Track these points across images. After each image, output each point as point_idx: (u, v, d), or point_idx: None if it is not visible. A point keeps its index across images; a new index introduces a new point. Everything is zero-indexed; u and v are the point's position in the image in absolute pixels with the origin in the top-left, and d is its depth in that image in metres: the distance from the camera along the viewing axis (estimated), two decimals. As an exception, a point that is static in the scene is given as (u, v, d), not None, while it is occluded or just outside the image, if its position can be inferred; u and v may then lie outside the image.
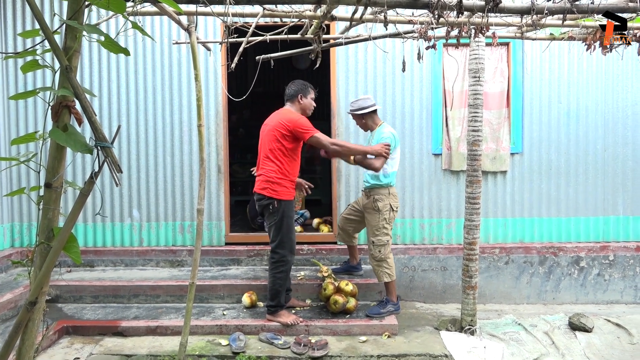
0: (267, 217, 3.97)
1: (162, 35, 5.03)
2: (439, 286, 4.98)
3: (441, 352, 3.68)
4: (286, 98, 4.04)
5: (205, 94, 5.01)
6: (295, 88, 3.98)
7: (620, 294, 5.01)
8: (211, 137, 5.06)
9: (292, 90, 3.99)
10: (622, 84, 4.99)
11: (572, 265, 4.97)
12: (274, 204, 3.86)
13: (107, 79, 5.07)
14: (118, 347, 3.74)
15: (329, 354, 3.58)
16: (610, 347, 3.92)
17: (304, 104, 4.00)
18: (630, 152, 5.02)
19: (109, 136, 5.08)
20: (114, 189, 5.11)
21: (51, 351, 3.68)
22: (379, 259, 4.08)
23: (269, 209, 3.89)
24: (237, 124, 8.75)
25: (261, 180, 3.94)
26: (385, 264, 4.09)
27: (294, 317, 3.98)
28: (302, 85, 4.00)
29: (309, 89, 4.02)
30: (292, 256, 3.97)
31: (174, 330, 3.92)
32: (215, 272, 4.83)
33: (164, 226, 5.12)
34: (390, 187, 4.13)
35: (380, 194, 4.10)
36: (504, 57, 4.98)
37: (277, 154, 3.86)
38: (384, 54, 4.92)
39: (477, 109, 3.92)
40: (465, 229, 4.04)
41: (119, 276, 4.76)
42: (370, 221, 4.15)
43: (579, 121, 5.01)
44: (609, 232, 5.07)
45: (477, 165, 3.96)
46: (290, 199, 3.92)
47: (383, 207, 4.08)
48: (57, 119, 1.48)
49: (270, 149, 3.89)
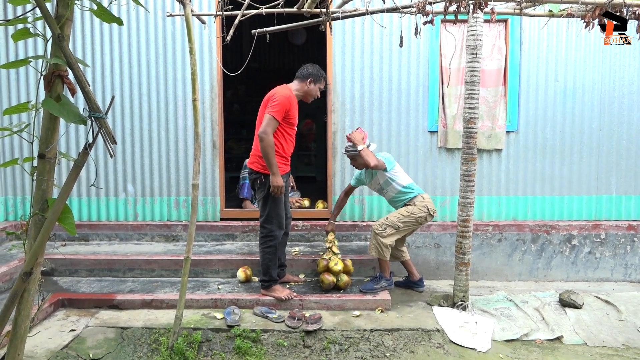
0: (256, 191, 3.99)
1: (156, 7, 4.94)
2: (432, 263, 5.03)
3: (433, 326, 3.73)
4: (297, 75, 3.99)
5: (200, 68, 4.96)
6: (311, 71, 3.94)
7: (610, 272, 5.08)
8: (206, 112, 5.03)
9: (306, 71, 3.95)
10: (619, 62, 4.97)
11: (564, 243, 5.03)
12: (261, 179, 3.87)
13: (100, 52, 5.00)
14: (114, 320, 3.77)
15: (322, 328, 3.63)
16: (599, 323, 3.99)
17: (310, 89, 3.96)
18: (625, 131, 5.04)
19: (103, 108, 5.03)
20: (108, 163, 5.08)
21: (47, 323, 3.71)
22: (378, 234, 4.13)
23: (257, 183, 3.91)
24: (233, 100, 8.68)
25: (252, 154, 3.97)
26: (381, 241, 4.13)
27: (287, 291, 4.02)
28: (318, 72, 3.96)
29: (321, 79, 3.98)
30: (280, 231, 3.98)
31: (169, 303, 3.96)
32: (210, 247, 4.85)
33: (158, 201, 5.12)
34: (421, 195, 4.27)
35: (411, 203, 4.24)
36: (502, 34, 4.93)
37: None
38: (381, 30, 4.87)
39: (474, 86, 3.90)
40: (460, 207, 4.06)
41: (114, 250, 4.78)
42: (401, 210, 4.23)
43: (575, 100, 5.00)
44: (601, 210, 5.11)
45: (472, 142, 3.96)
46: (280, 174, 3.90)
47: (419, 204, 4.20)
48: (49, 89, 1.46)
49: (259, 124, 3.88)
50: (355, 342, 3.52)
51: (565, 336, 3.76)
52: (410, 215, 4.17)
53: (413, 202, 4.23)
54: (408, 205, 4.24)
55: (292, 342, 3.54)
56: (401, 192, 4.26)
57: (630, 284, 5.03)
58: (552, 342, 3.70)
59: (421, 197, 4.25)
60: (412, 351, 3.47)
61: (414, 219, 4.18)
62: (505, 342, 3.67)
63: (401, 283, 4.66)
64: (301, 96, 3.99)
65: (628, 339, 3.74)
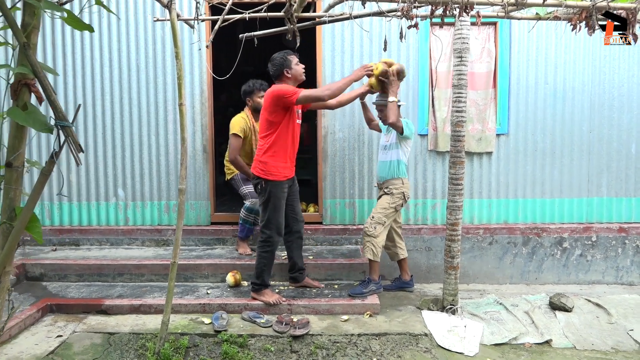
0: (258, 196, 4.01)
1: (145, 11, 4.95)
2: (423, 266, 5.02)
3: (421, 331, 3.72)
4: (273, 79, 3.97)
5: (190, 72, 4.96)
6: (277, 67, 3.89)
7: (602, 275, 5.07)
8: (196, 116, 5.03)
9: (274, 70, 3.91)
10: (609, 65, 4.97)
11: (555, 246, 5.02)
12: (262, 184, 3.88)
13: (89, 57, 4.99)
14: (101, 325, 3.76)
15: (310, 333, 3.62)
16: (589, 326, 3.98)
17: (293, 75, 3.90)
18: (616, 133, 5.03)
19: (96, 115, 5.04)
20: (99, 168, 5.08)
21: (34, 329, 3.70)
22: (371, 235, 4.20)
23: (258, 188, 3.92)
24: (228, 104, 8.67)
25: (254, 159, 3.98)
26: (374, 241, 4.18)
27: (276, 296, 4.02)
28: (281, 60, 3.87)
29: (288, 59, 3.88)
30: (279, 237, 3.99)
31: (157, 308, 3.95)
32: (200, 252, 4.85)
33: (149, 205, 5.11)
34: (403, 179, 4.34)
35: (394, 184, 4.31)
36: (491, 37, 4.93)
37: (267, 132, 3.85)
38: (371, 34, 4.87)
39: (461, 89, 3.90)
40: (448, 210, 4.05)
41: (104, 255, 4.77)
42: (381, 202, 4.31)
43: (565, 102, 5.00)
44: (592, 213, 5.11)
45: (460, 146, 3.96)
46: (279, 180, 3.89)
47: (397, 193, 4.29)
48: (16, 98, 1.46)
49: (261, 128, 3.91)
50: (342, 346, 3.52)
51: (555, 340, 3.75)
52: (390, 207, 4.27)
53: (394, 185, 4.30)
54: (387, 195, 4.31)
55: (279, 347, 3.53)
56: (397, 163, 4.29)
57: (622, 286, 5.02)
58: (541, 345, 3.69)
59: (401, 181, 4.32)
60: (399, 356, 3.46)
61: (394, 208, 4.29)
62: (493, 346, 3.67)
63: (391, 287, 4.66)
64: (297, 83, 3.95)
65: (618, 342, 3.73)
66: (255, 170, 3.92)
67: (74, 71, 5.00)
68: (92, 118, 5.04)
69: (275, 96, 3.75)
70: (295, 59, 3.93)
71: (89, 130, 5.04)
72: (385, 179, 4.36)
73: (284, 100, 3.73)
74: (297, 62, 3.93)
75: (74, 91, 5.01)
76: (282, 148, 3.87)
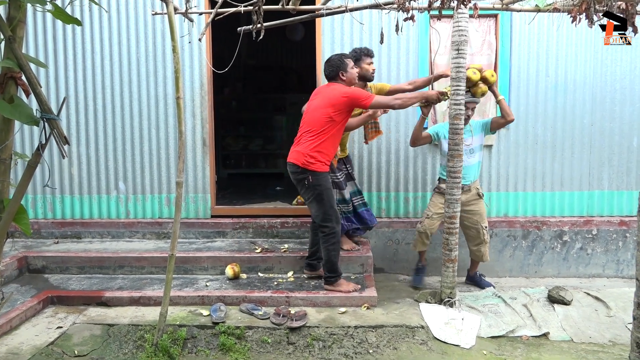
0: (303, 192, 3.94)
1: (145, 5, 4.95)
2: (422, 259, 5.02)
3: (418, 323, 3.73)
4: (328, 79, 3.97)
5: (190, 65, 4.97)
6: (332, 68, 3.89)
7: (602, 268, 5.05)
8: (196, 109, 5.04)
9: (329, 72, 3.91)
10: (611, 57, 4.93)
11: (555, 239, 5.01)
12: (309, 179, 3.81)
13: (90, 51, 5.02)
14: (101, 317, 3.80)
15: (307, 325, 3.64)
16: (587, 319, 3.97)
17: (348, 78, 3.90)
18: (618, 126, 5.00)
19: (100, 109, 5.07)
20: (100, 161, 5.11)
21: (35, 320, 3.75)
22: (487, 242, 4.51)
23: (305, 183, 3.85)
24: (231, 97, 8.70)
25: (297, 150, 3.89)
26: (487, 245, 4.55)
27: (353, 285, 4.08)
28: (338, 62, 3.89)
29: (344, 62, 3.89)
30: (339, 226, 3.98)
31: (156, 300, 3.98)
32: (200, 244, 4.88)
33: (150, 198, 5.14)
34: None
35: (478, 183, 4.54)
36: (492, 29, 4.90)
37: (324, 128, 3.79)
38: (370, 26, 4.86)
39: (460, 82, 3.88)
40: (446, 203, 4.05)
41: (105, 247, 4.81)
42: (479, 208, 4.46)
43: (567, 95, 4.97)
44: (593, 206, 5.09)
45: (458, 139, 3.95)
46: (325, 171, 3.88)
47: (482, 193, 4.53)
48: (2, 91, 1.47)
49: (315, 119, 3.82)
50: (339, 338, 3.54)
51: (552, 332, 3.75)
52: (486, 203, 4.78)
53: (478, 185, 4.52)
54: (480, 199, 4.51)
55: (276, 338, 3.55)
56: (480, 163, 4.56)
57: (622, 280, 5.00)
58: (538, 338, 3.69)
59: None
60: (395, 348, 3.47)
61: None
62: (490, 338, 3.67)
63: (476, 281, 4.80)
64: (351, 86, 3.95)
65: (615, 335, 3.72)
66: (299, 162, 3.83)
67: (74, 65, 5.03)
68: (93, 112, 5.07)
69: (350, 98, 3.76)
70: (351, 62, 3.96)
71: (89, 123, 5.07)
72: (472, 181, 4.44)
73: (357, 103, 3.78)
74: (352, 67, 3.95)
75: (75, 85, 5.04)
76: (332, 145, 3.87)
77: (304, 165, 3.81)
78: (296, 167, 3.85)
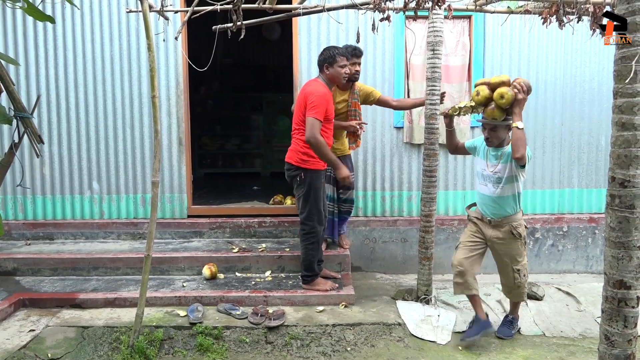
0: (295, 188, 3.94)
1: (119, 2, 4.88)
2: (399, 257, 5.08)
3: (395, 320, 3.78)
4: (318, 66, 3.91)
5: (165, 64, 4.93)
6: (321, 57, 3.82)
7: (572, 264, 5.19)
8: (172, 108, 4.99)
9: (318, 61, 3.86)
10: (580, 59, 5.07)
11: (527, 236, 5.08)
12: (301, 175, 3.83)
13: (62, 48, 4.92)
14: (75, 319, 3.74)
15: (285, 324, 3.65)
16: (559, 314, 4.08)
17: (331, 75, 3.79)
18: (587, 126, 5.14)
19: (71, 108, 4.97)
20: (73, 160, 5.02)
21: (6, 324, 3.67)
22: (523, 284, 3.66)
23: (297, 180, 3.86)
24: (207, 96, 8.63)
25: (290, 149, 3.91)
26: (526, 284, 3.72)
27: (330, 283, 4.08)
28: (328, 53, 3.76)
29: (336, 57, 3.72)
30: (321, 227, 3.98)
31: (132, 302, 3.93)
32: (177, 245, 4.83)
33: (124, 199, 5.07)
34: (521, 209, 3.64)
35: (517, 220, 3.57)
36: (466, 30, 4.99)
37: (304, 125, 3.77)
38: (346, 26, 4.88)
39: (435, 82, 3.95)
40: (422, 202, 4.11)
41: (79, 249, 4.73)
42: (511, 250, 3.58)
43: (538, 96, 5.08)
44: (564, 204, 5.22)
45: (434, 138, 4.01)
46: (319, 169, 3.88)
47: (523, 232, 3.60)
48: (-26, 89, 1.45)
49: (299, 120, 3.82)
50: (317, 337, 3.55)
51: (525, 327, 3.84)
52: (524, 243, 3.63)
53: (517, 221, 3.57)
54: (517, 239, 3.58)
55: (255, 338, 3.55)
56: (516, 197, 3.52)
57: (592, 275, 5.15)
58: (512, 333, 3.77)
59: (521, 213, 3.63)
60: (373, 345, 3.51)
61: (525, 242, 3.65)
62: (465, 334, 3.73)
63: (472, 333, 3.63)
64: (333, 84, 3.90)
65: (585, 329, 3.83)
66: (293, 160, 3.85)
67: (46, 62, 4.93)
68: (66, 110, 4.97)
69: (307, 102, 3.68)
70: (344, 61, 3.77)
71: (62, 122, 4.98)
72: (502, 216, 3.54)
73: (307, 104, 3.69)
74: (341, 65, 3.75)
75: (47, 82, 4.94)
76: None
77: (297, 163, 3.84)
78: (290, 165, 3.91)
